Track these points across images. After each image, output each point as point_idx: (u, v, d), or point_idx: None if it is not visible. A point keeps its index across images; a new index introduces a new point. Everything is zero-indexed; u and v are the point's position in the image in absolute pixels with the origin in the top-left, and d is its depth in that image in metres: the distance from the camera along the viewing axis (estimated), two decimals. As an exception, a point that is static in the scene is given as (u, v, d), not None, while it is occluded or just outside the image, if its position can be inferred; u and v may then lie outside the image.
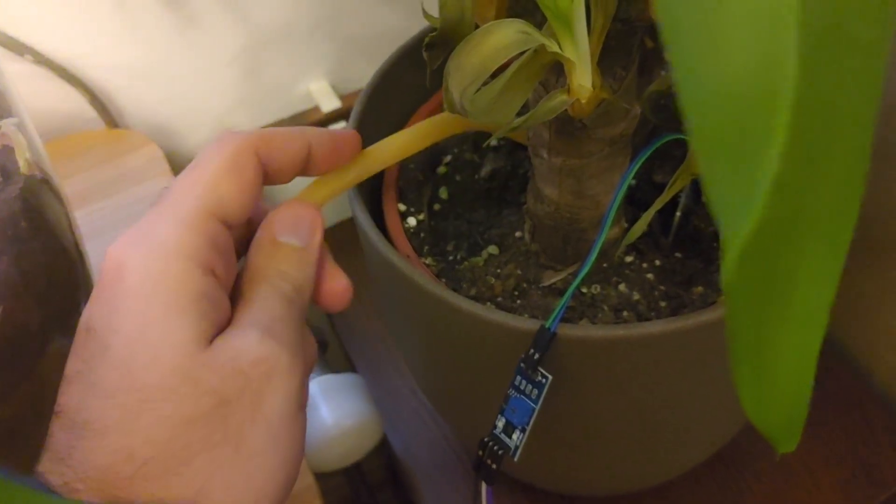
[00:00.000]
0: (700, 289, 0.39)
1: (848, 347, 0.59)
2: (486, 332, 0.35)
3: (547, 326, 0.33)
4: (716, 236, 0.41)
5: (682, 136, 0.36)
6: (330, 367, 0.53)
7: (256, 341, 0.25)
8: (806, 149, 0.15)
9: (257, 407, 0.25)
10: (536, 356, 0.33)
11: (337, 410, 0.50)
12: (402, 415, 0.59)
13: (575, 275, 0.36)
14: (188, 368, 0.24)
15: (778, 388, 0.18)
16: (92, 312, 0.25)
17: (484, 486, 0.35)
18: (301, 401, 0.27)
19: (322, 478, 0.47)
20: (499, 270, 0.40)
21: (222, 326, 0.26)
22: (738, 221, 0.14)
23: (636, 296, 0.39)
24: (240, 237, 0.29)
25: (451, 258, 0.42)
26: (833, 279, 0.17)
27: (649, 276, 0.40)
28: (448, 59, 0.29)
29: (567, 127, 0.33)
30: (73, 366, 0.25)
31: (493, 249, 0.41)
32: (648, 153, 0.33)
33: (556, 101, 0.29)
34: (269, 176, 0.29)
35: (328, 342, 0.58)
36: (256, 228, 0.29)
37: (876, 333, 0.57)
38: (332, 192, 0.32)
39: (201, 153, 0.28)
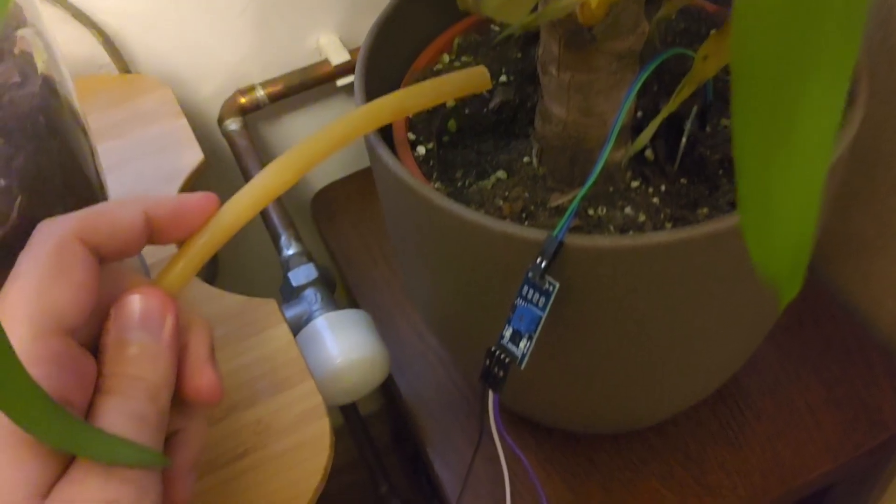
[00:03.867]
0: (705, 210, 0.39)
1: (850, 294, 0.60)
2: (495, 245, 0.35)
3: (554, 235, 0.34)
4: (720, 163, 0.41)
5: (688, 52, 0.37)
6: (337, 306, 0.54)
7: (96, 488, 0.24)
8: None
9: None
10: (544, 264, 0.34)
11: (343, 345, 0.50)
12: (408, 358, 0.60)
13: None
14: None
15: (783, 227, 0.19)
16: None
17: (490, 394, 0.35)
18: None
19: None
20: (507, 193, 0.41)
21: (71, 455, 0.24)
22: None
23: (641, 217, 0.39)
24: (93, 329, 0.27)
25: (459, 184, 0.43)
26: (837, 110, 0.17)
27: (655, 199, 0.40)
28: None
29: (577, 39, 0.34)
30: None
31: (501, 174, 0.42)
32: (656, 64, 0.34)
33: (567, 1, 0.30)
34: (105, 257, 0.26)
35: (335, 282, 0.59)
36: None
37: (878, 280, 0.57)
38: (184, 272, 0.28)
39: (21, 257, 0.25)
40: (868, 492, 0.62)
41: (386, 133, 0.44)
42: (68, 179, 0.33)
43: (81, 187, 0.35)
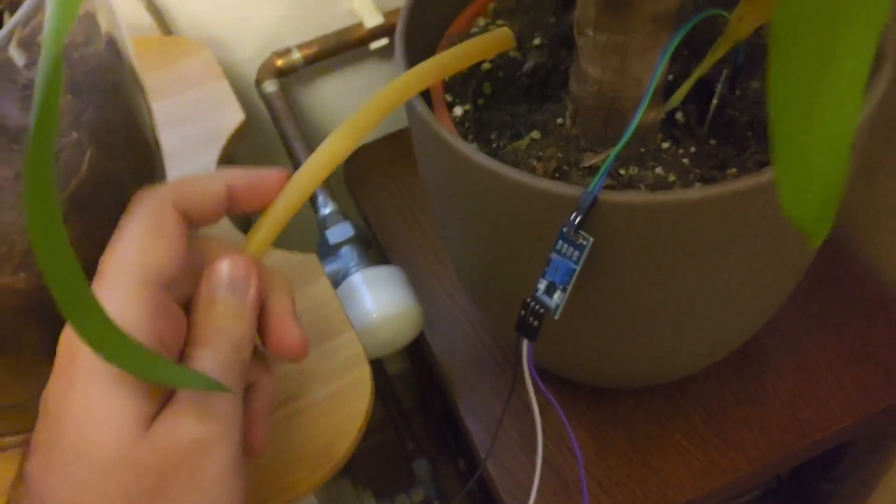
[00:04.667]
0: (734, 170, 0.41)
1: (871, 256, 0.61)
2: (532, 201, 0.37)
3: (589, 190, 0.35)
4: (749, 125, 0.42)
5: (722, 13, 0.38)
6: (372, 264, 0.56)
7: (192, 422, 0.27)
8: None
9: (194, 478, 0.27)
10: (578, 219, 0.35)
11: (380, 299, 0.52)
12: (439, 317, 0.62)
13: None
14: (128, 451, 0.26)
15: (815, 173, 0.20)
16: (49, 392, 0.27)
17: (525, 343, 0.37)
18: (237, 466, 0.29)
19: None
20: (541, 153, 0.42)
21: (167, 393, 0.28)
22: None
23: (672, 177, 0.41)
24: (185, 289, 0.30)
25: (494, 145, 0.44)
26: (867, 57, 0.19)
27: (685, 160, 0.42)
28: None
29: (613, 1, 0.35)
30: (35, 439, 0.27)
31: (535, 134, 0.43)
32: (691, 25, 0.35)
33: (606, -35, 0.31)
34: (193, 222, 0.30)
35: (370, 241, 0.60)
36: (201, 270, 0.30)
37: (901, 244, 0.58)
38: (266, 238, 0.31)
39: (123, 219, 0.29)
40: (886, 448, 0.64)
41: (424, 96, 0.45)
42: (130, 135, 0.35)
43: (141, 144, 0.36)
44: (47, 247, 0.21)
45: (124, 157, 0.35)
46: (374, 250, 0.65)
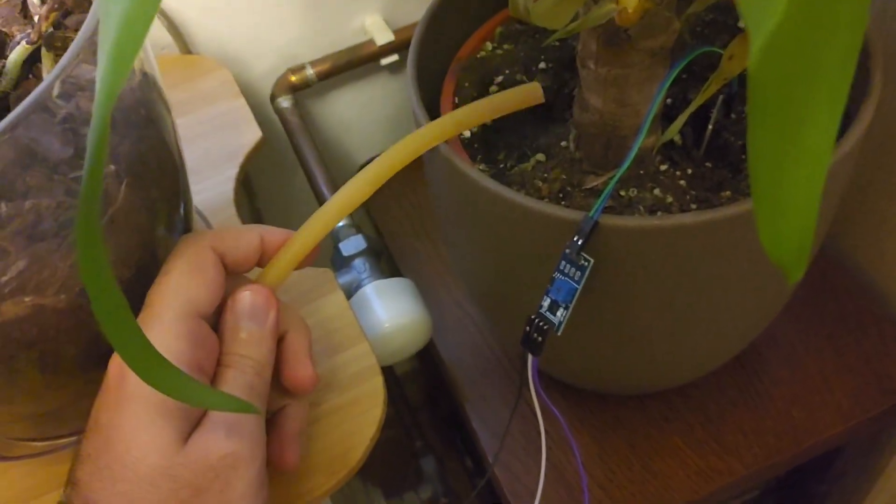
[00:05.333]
0: (728, 193, 0.43)
1: (866, 269, 0.63)
2: (536, 223, 0.39)
3: (590, 215, 0.37)
4: (743, 149, 0.45)
5: (715, 49, 0.40)
6: (384, 275, 0.58)
7: (222, 439, 0.31)
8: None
9: (225, 492, 0.31)
10: (580, 242, 0.38)
11: (391, 310, 0.55)
12: (448, 325, 0.64)
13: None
14: (168, 467, 0.30)
15: (790, 219, 0.22)
16: (99, 408, 0.31)
17: (530, 358, 0.40)
18: (262, 479, 0.32)
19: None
20: (545, 175, 0.44)
21: (200, 414, 0.31)
22: (762, 19, 0.18)
23: (669, 199, 0.43)
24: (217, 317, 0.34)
25: (501, 166, 0.46)
26: (835, 120, 0.21)
27: (682, 182, 0.44)
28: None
29: (613, 38, 0.37)
30: (85, 448, 0.31)
31: (540, 157, 0.46)
32: (685, 63, 0.37)
33: (606, 9, 0.33)
34: (228, 267, 0.34)
35: (382, 252, 0.63)
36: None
37: (893, 256, 0.60)
38: (283, 271, 0.35)
39: (168, 259, 0.33)
40: (877, 454, 0.66)
41: (432, 115, 0.47)
42: (161, 163, 0.37)
43: (170, 168, 0.39)
44: (97, 287, 0.23)
45: (156, 183, 0.37)
46: (385, 260, 0.67)
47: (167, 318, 0.31)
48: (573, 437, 0.45)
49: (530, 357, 0.40)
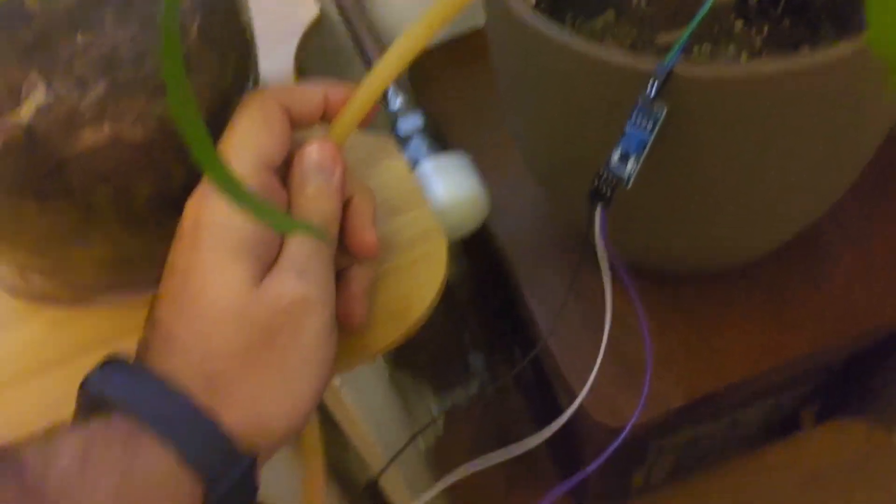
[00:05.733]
0: (807, 49, 0.41)
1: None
2: (609, 74, 0.38)
3: (665, 63, 0.36)
4: (823, 6, 0.43)
5: None
6: (440, 152, 0.58)
7: (294, 283, 0.31)
8: None
9: (296, 336, 0.31)
10: (654, 89, 0.37)
11: (449, 185, 0.55)
12: (503, 206, 0.64)
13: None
14: (243, 306, 0.31)
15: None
16: (175, 250, 0.32)
17: (598, 209, 0.39)
18: (331, 326, 0.33)
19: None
20: (615, 31, 0.43)
21: (273, 261, 0.32)
22: None
23: (744, 56, 0.42)
24: (285, 172, 0.35)
25: (569, 25, 0.45)
26: None
27: (757, 40, 0.42)
28: None
29: None
30: (163, 290, 0.32)
31: (609, 15, 0.45)
32: None
33: None
34: (294, 122, 0.34)
35: (436, 134, 0.63)
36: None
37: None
38: (347, 127, 0.35)
39: (236, 114, 0.33)
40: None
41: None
42: (229, 13, 0.37)
43: (237, 30, 0.38)
44: (181, 106, 0.24)
45: (225, 33, 0.37)
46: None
47: (238, 168, 0.32)
48: (637, 295, 0.44)
49: (599, 209, 0.39)
